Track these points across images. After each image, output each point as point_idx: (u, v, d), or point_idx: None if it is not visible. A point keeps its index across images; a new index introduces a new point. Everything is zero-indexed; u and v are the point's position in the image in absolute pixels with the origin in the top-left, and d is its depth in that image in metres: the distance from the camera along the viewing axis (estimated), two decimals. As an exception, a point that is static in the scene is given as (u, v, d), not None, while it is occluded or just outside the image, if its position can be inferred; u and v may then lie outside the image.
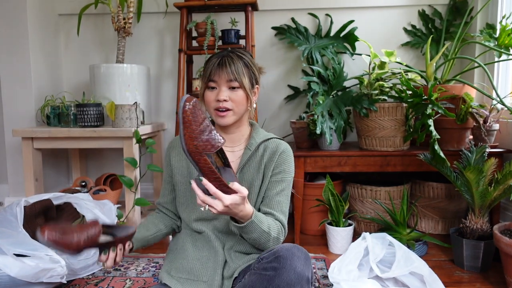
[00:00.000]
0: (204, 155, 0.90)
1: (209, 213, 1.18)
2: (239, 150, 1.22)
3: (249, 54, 1.19)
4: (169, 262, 1.23)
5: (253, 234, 1.08)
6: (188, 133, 0.89)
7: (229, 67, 1.12)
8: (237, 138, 1.22)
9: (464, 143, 1.99)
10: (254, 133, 1.22)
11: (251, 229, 1.06)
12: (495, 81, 2.15)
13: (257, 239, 1.09)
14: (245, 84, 1.13)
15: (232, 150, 1.22)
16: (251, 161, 1.19)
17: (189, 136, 0.89)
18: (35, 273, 1.37)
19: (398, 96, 1.93)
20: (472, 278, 1.61)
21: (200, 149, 0.90)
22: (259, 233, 1.08)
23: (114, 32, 2.53)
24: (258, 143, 1.19)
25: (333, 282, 1.40)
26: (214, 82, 1.13)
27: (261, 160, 1.19)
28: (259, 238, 1.09)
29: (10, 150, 2.38)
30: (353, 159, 1.96)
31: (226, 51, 1.17)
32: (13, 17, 2.28)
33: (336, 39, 2.39)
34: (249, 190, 1.18)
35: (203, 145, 0.90)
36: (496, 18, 2.15)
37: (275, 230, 1.12)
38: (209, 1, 2.19)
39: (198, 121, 0.90)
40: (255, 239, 1.09)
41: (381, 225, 1.96)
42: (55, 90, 2.53)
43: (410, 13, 2.43)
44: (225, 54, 1.15)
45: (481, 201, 1.65)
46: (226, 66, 1.12)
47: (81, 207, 1.79)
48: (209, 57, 1.18)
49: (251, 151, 1.18)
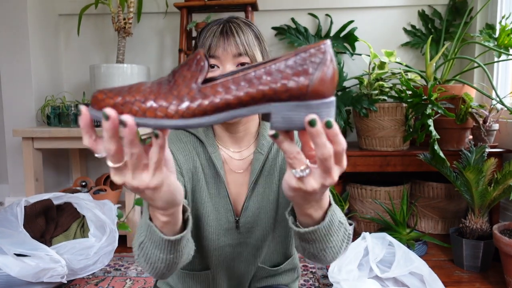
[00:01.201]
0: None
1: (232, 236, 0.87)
2: (248, 155, 0.89)
3: (254, 24, 0.86)
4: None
5: (334, 235, 0.66)
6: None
7: (237, 36, 0.78)
8: (245, 138, 0.88)
9: (463, 143, 2.00)
10: (263, 129, 0.89)
11: (335, 226, 0.65)
12: (495, 81, 2.16)
13: (332, 242, 0.66)
14: (258, 59, 0.80)
15: (240, 157, 0.88)
16: (265, 169, 0.88)
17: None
18: (36, 272, 1.37)
19: (398, 96, 1.93)
20: (471, 278, 1.61)
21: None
22: (337, 229, 0.66)
23: (114, 32, 2.53)
24: (270, 143, 0.88)
25: (333, 282, 1.40)
26: (216, 59, 0.78)
27: (274, 164, 0.88)
28: (335, 239, 0.67)
29: (10, 150, 2.38)
30: (353, 159, 1.97)
31: (227, 17, 0.83)
32: (14, 17, 2.28)
33: (336, 39, 2.39)
34: (264, 208, 0.88)
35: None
36: (495, 18, 2.15)
37: (342, 215, 0.71)
38: (209, 1, 2.19)
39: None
40: (329, 245, 0.66)
41: (381, 225, 1.96)
42: (55, 90, 2.54)
43: (410, 13, 2.44)
44: (228, 20, 0.81)
45: (481, 201, 1.66)
46: (234, 35, 0.78)
47: (81, 207, 1.79)
48: (205, 26, 0.83)
49: (263, 155, 0.87)
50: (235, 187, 0.88)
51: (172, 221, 0.57)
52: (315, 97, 0.46)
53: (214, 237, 0.88)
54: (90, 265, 1.62)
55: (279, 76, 0.45)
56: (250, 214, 0.88)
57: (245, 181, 0.88)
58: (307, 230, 0.62)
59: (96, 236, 1.70)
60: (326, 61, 0.46)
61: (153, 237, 0.60)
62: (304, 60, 0.45)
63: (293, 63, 0.45)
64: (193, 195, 0.87)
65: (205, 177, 0.87)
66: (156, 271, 0.65)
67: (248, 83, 0.45)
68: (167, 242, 0.59)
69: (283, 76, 0.45)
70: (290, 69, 0.45)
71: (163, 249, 0.61)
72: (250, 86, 0.45)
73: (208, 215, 0.87)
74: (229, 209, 0.87)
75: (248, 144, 0.89)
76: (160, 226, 0.58)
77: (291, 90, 0.45)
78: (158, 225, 0.58)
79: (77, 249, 1.61)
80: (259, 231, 0.89)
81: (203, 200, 0.86)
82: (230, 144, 0.88)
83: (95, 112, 0.44)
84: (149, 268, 0.65)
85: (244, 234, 0.89)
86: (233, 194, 0.88)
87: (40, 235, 1.70)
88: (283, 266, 0.97)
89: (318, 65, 0.46)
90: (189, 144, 0.87)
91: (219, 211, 0.87)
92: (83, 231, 1.78)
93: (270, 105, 0.45)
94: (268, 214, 0.88)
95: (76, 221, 1.80)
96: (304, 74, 0.45)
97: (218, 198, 0.87)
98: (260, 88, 0.45)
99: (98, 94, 0.44)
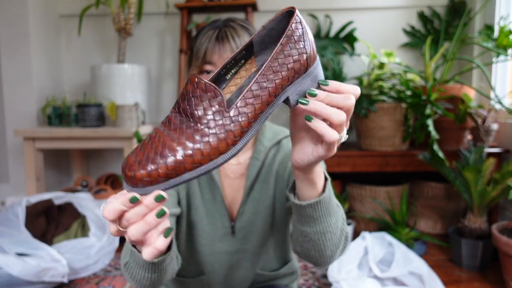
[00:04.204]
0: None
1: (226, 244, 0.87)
2: (245, 160, 0.89)
3: (252, 24, 0.84)
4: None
5: (333, 214, 0.67)
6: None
7: (233, 42, 0.77)
8: None
9: (462, 143, 2.00)
10: (259, 134, 0.89)
11: (328, 201, 0.65)
12: (493, 81, 2.16)
13: (331, 225, 0.67)
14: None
15: (237, 162, 0.89)
16: (261, 174, 0.88)
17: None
18: (37, 272, 1.38)
19: (397, 96, 1.94)
20: (470, 277, 1.62)
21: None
22: (334, 211, 0.67)
23: (115, 33, 2.54)
24: (267, 148, 0.87)
25: (332, 282, 1.41)
26: (212, 65, 0.77)
27: (270, 169, 0.88)
28: (335, 221, 0.68)
29: (11, 150, 2.39)
30: (352, 159, 1.97)
31: (224, 20, 0.82)
32: (15, 18, 2.29)
33: (335, 39, 2.40)
34: (260, 214, 0.88)
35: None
36: (494, 19, 2.16)
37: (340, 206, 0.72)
38: (210, 2, 2.20)
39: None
40: (328, 229, 0.67)
41: (381, 224, 1.97)
42: (56, 90, 2.54)
43: (409, 14, 2.44)
44: (224, 23, 0.80)
45: (480, 200, 1.66)
46: (229, 40, 0.77)
47: (82, 207, 1.80)
48: (201, 28, 0.82)
49: (259, 161, 0.86)
50: (230, 192, 0.88)
51: None
52: (312, 63, 0.51)
53: (209, 242, 0.87)
54: (90, 264, 1.63)
55: (286, 64, 0.49)
56: (246, 219, 0.87)
57: (241, 186, 0.88)
58: (310, 202, 0.63)
59: (97, 235, 1.71)
60: (304, 27, 0.50)
61: (136, 259, 0.62)
62: (291, 37, 0.49)
63: (285, 47, 0.49)
64: (188, 200, 0.86)
65: (198, 182, 0.87)
66: (142, 287, 0.67)
67: (260, 86, 0.47)
68: (150, 264, 0.61)
69: (288, 66, 0.49)
70: (288, 53, 0.49)
71: (147, 270, 0.62)
72: (268, 82, 0.48)
73: (202, 220, 0.86)
74: (224, 214, 0.86)
75: (245, 150, 0.89)
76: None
77: (298, 70, 0.49)
78: (139, 249, 0.58)
79: (78, 249, 1.62)
80: (256, 237, 0.88)
81: (196, 205, 0.86)
82: None
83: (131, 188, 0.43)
84: (135, 284, 0.67)
85: (241, 240, 0.88)
86: (228, 199, 0.88)
87: (41, 235, 1.71)
88: (282, 271, 0.96)
89: (302, 35, 0.50)
90: None
91: (214, 216, 0.87)
92: (84, 230, 1.78)
93: (286, 90, 0.50)
94: (264, 219, 0.88)
95: (77, 221, 1.80)
96: (300, 51, 0.49)
97: (213, 203, 0.86)
98: (276, 81, 0.48)
99: (129, 164, 0.43)
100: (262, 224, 0.88)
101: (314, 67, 0.51)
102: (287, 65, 0.48)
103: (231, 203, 0.88)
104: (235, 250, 0.88)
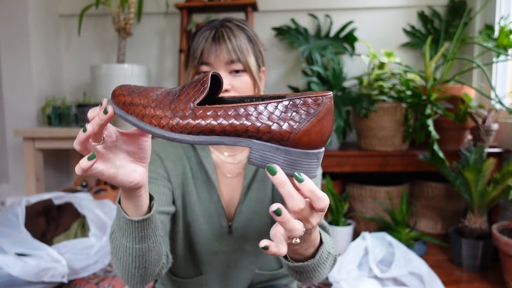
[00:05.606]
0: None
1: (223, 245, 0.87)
2: (241, 160, 0.88)
3: (249, 24, 0.85)
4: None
5: (322, 266, 0.65)
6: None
7: (229, 43, 0.77)
8: None
9: (463, 143, 2.00)
10: None
11: (323, 260, 0.65)
12: (494, 81, 2.16)
13: (320, 272, 0.67)
14: (251, 65, 0.80)
15: (234, 161, 0.87)
16: (258, 174, 0.87)
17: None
18: (36, 272, 1.38)
19: (397, 96, 1.94)
20: (471, 277, 1.62)
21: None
22: (324, 260, 0.66)
23: (115, 33, 2.53)
24: None
25: (332, 282, 1.41)
26: (208, 66, 0.79)
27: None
28: (323, 269, 0.67)
29: (11, 150, 2.39)
30: (352, 159, 1.97)
31: (220, 20, 0.82)
32: (14, 18, 2.29)
33: (335, 39, 2.39)
34: (258, 214, 0.87)
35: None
36: (494, 19, 2.16)
37: (331, 244, 0.72)
38: (210, 2, 2.20)
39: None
40: (316, 274, 0.67)
41: (381, 224, 1.97)
42: (56, 90, 2.54)
43: (409, 14, 2.44)
44: (221, 24, 0.80)
45: (480, 200, 1.66)
46: (225, 40, 0.77)
47: (82, 207, 1.80)
48: (199, 28, 0.82)
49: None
50: (228, 192, 0.88)
51: (135, 203, 0.58)
52: (297, 146, 0.45)
53: (206, 242, 0.86)
54: (90, 264, 1.63)
55: (266, 117, 0.45)
56: (243, 219, 0.86)
57: (238, 186, 0.87)
58: (296, 264, 0.62)
59: (97, 235, 1.71)
60: (319, 114, 0.45)
61: (120, 222, 0.60)
62: (297, 107, 0.45)
63: (284, 108, 0.45)
64: (183, 199, 0.86)
65: (194, 181, 0.86)
66: (127, 274, 0.64)
67: (235, 116, 0.45)
68: (131, 224, 0.59)
69: (269, 117, 0.45)
70: (280, 112, 0.45)
71: (128, 235, 0.60)
72: (236, 118, 0.45)
73: (198, 220, 0.86)
74: (221, 214, 0.86)
75: (243, 149, 0.88)
76: (125, 208, 0.59)
77: (273, 133, 0.45)
78: (123, 207, 0.59)
79: (78, 249, 1.62)
80: (254, 237, 0.88)
81: (193, 204, 0.86)
82: (224, 148, 0.87)
83: (112, 104, 0.50)
84: (120, 267, 0.64)
85: (239, 240, 0.88)
86: (225, 199, 0.87)
87: (41, 235, 1.71)
88: (282, 271, 0.96)
89: (309, 116, 0.45)
90: (180, 148, 0.87)
91: (211, 216, 0.86)
92: (84, 230, 1.78)
93: (251, 140, 0.46)
94: (262, 220, 0.87)
95: (77, 221, 1.80)
96: (290, 120, 0.45)
97: (210, 202, 0.86)
98: (245, 123, 0.45)
99: (117, 89, 0.50)
100: (260, 224, 0.87)
101: (298, 154, 0.45)
102: (268, 120, 0.45)
103: (228, 202, 0.88)
104: (233, 250, 0.88)
